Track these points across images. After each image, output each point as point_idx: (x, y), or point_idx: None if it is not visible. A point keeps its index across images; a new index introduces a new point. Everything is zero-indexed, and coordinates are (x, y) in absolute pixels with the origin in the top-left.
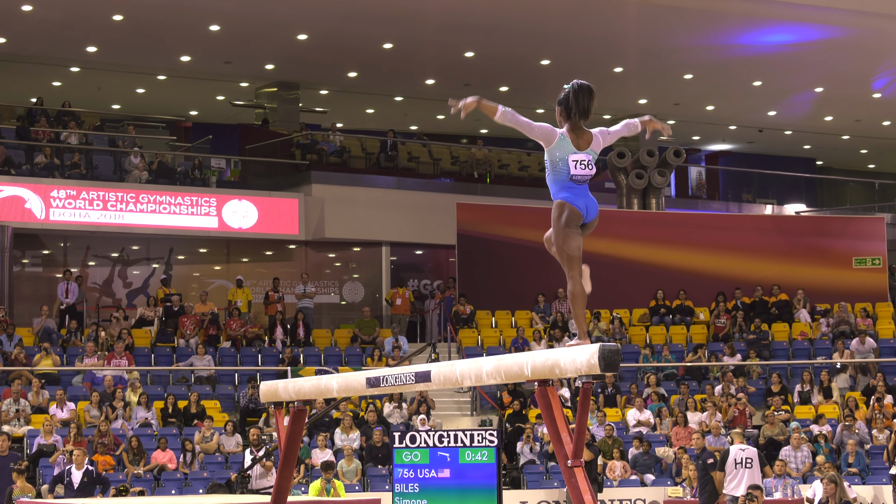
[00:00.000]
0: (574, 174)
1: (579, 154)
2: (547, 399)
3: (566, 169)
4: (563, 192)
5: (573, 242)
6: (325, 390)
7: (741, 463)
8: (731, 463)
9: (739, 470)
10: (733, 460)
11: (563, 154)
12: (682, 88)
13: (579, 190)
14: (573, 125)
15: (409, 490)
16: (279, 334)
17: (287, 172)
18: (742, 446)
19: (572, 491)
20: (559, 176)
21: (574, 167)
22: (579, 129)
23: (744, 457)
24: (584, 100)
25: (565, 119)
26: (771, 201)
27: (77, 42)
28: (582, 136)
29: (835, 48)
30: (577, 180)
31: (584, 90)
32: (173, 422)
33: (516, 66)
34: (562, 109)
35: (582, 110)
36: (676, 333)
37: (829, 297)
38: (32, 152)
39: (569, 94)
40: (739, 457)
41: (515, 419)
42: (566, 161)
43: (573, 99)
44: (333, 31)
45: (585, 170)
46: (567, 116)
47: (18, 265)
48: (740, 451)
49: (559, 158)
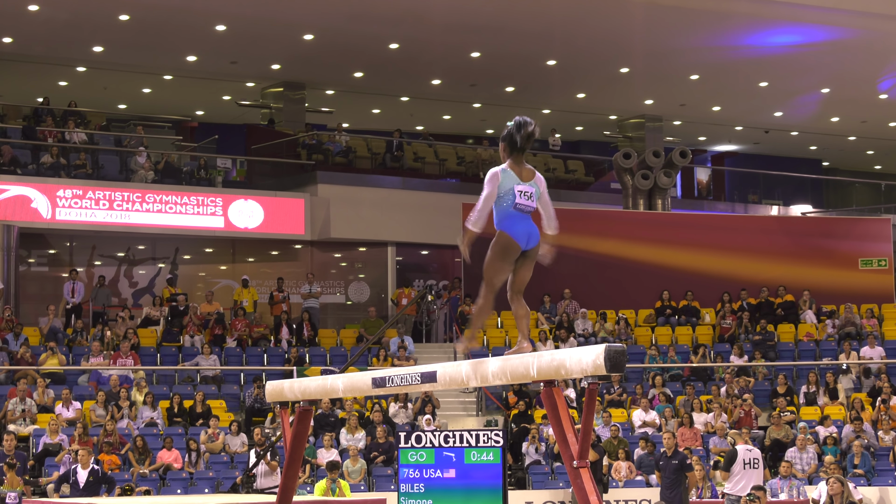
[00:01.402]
0: (518, 203)
1: (523, 185)
2: (552, 399)
3: (511, 198)
4: (506, 221)
5: (501, 276)
6: (331, 390)
7: (749, 464)
8: (740, 463)
9: (748, 471)
10: (742, 461)
11: (509, 185)
12: (689, 89)
13: (522, 219)
14: (515, 160)
15: (415, 490)
16: (285, 334)
17: (293, 172)
18: (748, 447)
19: (578, 491)
20: (504, 206)
21: (519, 196)
22: (521, 164)
23: (751, 458)
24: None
25: (508, 154)
26: (777, 202)
27: (83, 42)
28: (524, 169)
29: (841, 49)
30: (522, 209)
31: (526, 126)
32: (179, 421)
33: (522, 67)
34: (505, 145)
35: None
36: (682, 334)
37: (835, 298)
38: (38, 152)
39: (511, 130)
40: (748, 457)
41: (521, 419)
42: (511, 191)
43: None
44: (339, 32)
45: (529, 200)
46: (510, 152)
47: (25, 265)
48: (748, 451)
49: (505, 190)
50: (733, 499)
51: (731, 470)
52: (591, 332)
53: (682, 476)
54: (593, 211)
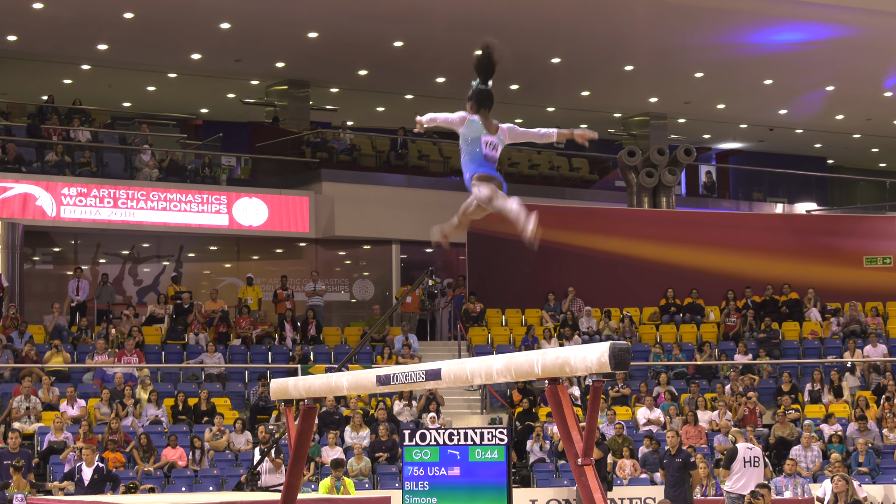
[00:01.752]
0: (486, 153)
1: (490, 136)
2: (557, 397)
3: (478, 146)
4: (479, 169)
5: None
6: (336, 388)
7: (750, 462)
8: (741, 461)
9: (748, 469)
10: (742, 459)
11: (476, 135)
12: (693, 87)
13: (490, 168)
14: (482, 114)
15: (419, 488)
16: (289, 332)
17: (297, 170)
18: (749, 445)
19: (582, 489)
20: (473, 154)
21: (485, 147)
22: (487, 118)
23: (752, 456)
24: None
25: (475, 111)
26: (781, 200)
27: (88, 40)
28: (490, 123)
29: (846, 47)
30: (489, 158)
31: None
32: (183, 419)
33: (527, 65)
34: (472, 103)
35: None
36: (686, 332)
37: (839, 296)
38: (43, 150)
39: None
40: (748, 456)
41: (525, 417)
42: (479, 141)
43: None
44: (344, 30)
45: (494, 151)
46: (477, 108)
47: (29, 262)
48: (748, 449)
49: (472, 139)
50: (734, 496)
51: (731, 468)
52: (595, 329)
53: (687, 474)
54: (598, 209)
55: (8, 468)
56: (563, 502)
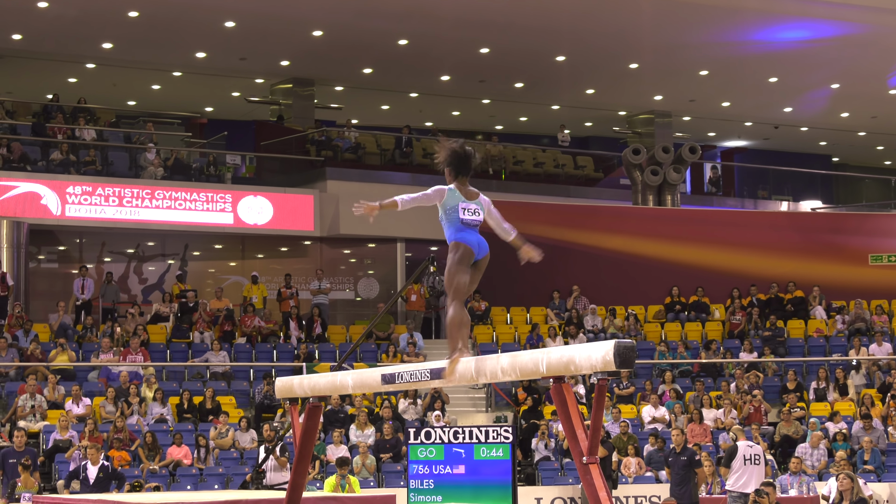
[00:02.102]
0: (464, 219)
1: (468, 203)
2: (562, 395)
3: (457, 215)
4: (458, 234)
5: (462, 278)
6: (341, 387)
7: (750, 460)
8: (741, 459)
9: (749, 466)
10: (742, 457)
11: (454, 203)
12: (698, 85)
13: (472, 232)
14: (460, 181)
15: (424, 486)
16: (294, 330)
17: (302, 169)
18: (749, 443)
19: (587, 487)
20: (453, 221)
21: (463, 213)
22: (465, 185)
23: (752, 454)
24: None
25: (453, 178)
26: (786, 198)
27: (92, 39)
28: (468, 190)
29: (851, 45)
30: (468, 223)
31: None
32: (188, 418)
33: (531, 63)
34: (450, 170)
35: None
36: (692, 330)
37: (844, 294)
38: (48, 149)
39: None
40: (748, 454)
41: (530, 415)
42: (457, 208)
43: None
44: (348, 28)
45: (475, 216)
46: (455, 175)
47: (34, 261)
48: (748, 447)
49: (451, 208)
50: (735, 495)
51: (731, 466)
52: (600, 328)
53: (692, 472)
54: (602, 207)
55: (13, 466)
56: (569, 500)
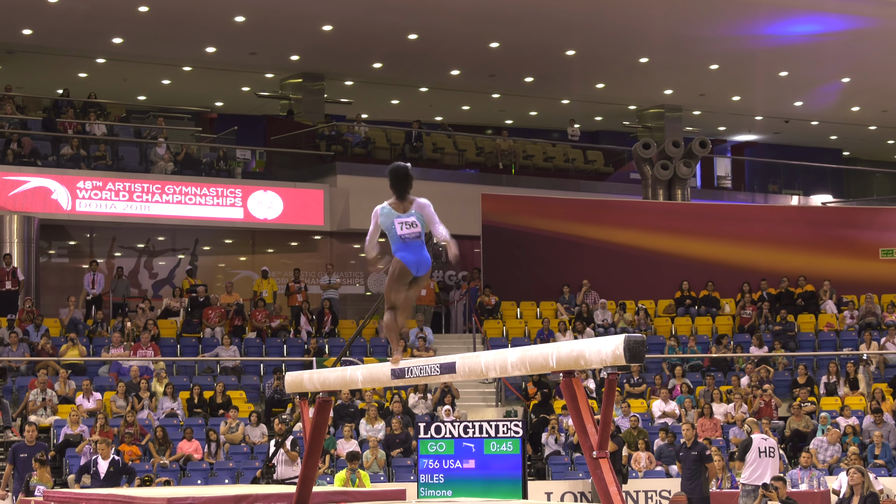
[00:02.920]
0: (401, 234)
1: (402, 217)
2: (572, 390)
3: (394, 230)
4: (399, 252)
5: (397, 296)
6: (351, 381)
7: (765, 452)
8: (755, 451)
9: (763, 459)
10: (757, 449)
11: (389, 220)
12: (708, 79)
13: (413, 247)
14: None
15: (434, 480)
16: (304, 325)
17: (312, 163)
18: (763, 436)
19: (597, 482)
20: (393, 239)
21: (400, 228)
22: (399, 200)
23: (767, 446)
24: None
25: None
26: (797, 192)
27: (103, 34)
28: (403, 204)
29: (861, 39)
30: (406, 237)
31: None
32: (199, 412)
33: (541, 57)
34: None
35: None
36: (702, 324)
37: (855, 288)
38: (59, 144)
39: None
40: (763, 446)
41: (540, 410)
42: (392, 224)
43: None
44: (358, 22)
45: (412, 229)
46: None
47: (45, 256)
48: (763, 440)
49: (388, 226)
50: (749, 488)
51: (746, 459)
52: (610, 322)
53: (703, 467)
54: (612, 201)
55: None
56: (579, 495)
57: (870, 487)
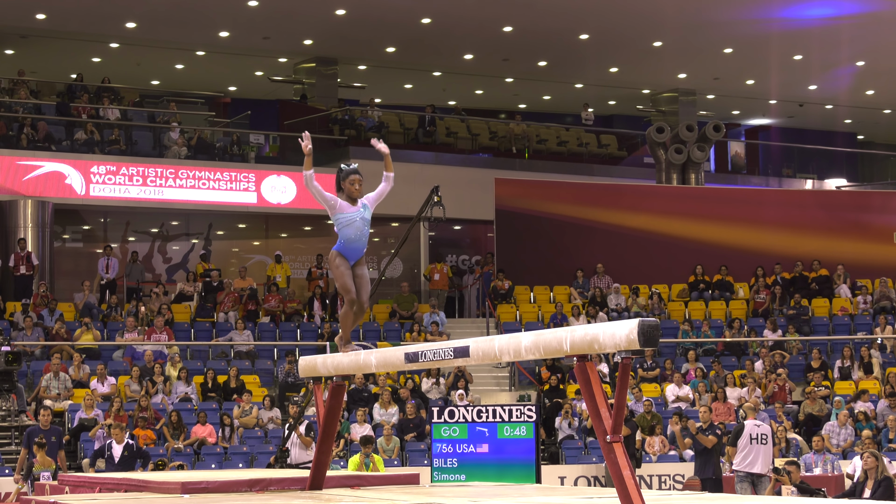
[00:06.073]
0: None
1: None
2: (586, 374)
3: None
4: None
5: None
6: (364, 365)
7: (757, 439)
8: (747, 438)
9: (755, 446)
10: (748, 436)
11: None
12: (722, 62)
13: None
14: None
15: (448, 465)
16: (317, 310)
17: (325, 148)
18: (756, 422)
19: (611, 466)
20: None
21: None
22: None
23: (759, 433)
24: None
25: None
26: (811, 176)
27: (116, 18)
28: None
29: (876, 21)
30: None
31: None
32: (213, 396)
33: (554, 41)
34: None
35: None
36: (716, 309)
37: (869, 272)
38: (73, 128)
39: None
40: (755, 433)
41: (554, 394)
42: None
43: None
44: (371, 7)
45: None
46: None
47: (59, 241)
48: (755, 427)
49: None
50: (741, 475)
51: (737, 444)
52: (623, 306)
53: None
54: (626, 185)
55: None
56: (592, 479)
57: (884, 471)
